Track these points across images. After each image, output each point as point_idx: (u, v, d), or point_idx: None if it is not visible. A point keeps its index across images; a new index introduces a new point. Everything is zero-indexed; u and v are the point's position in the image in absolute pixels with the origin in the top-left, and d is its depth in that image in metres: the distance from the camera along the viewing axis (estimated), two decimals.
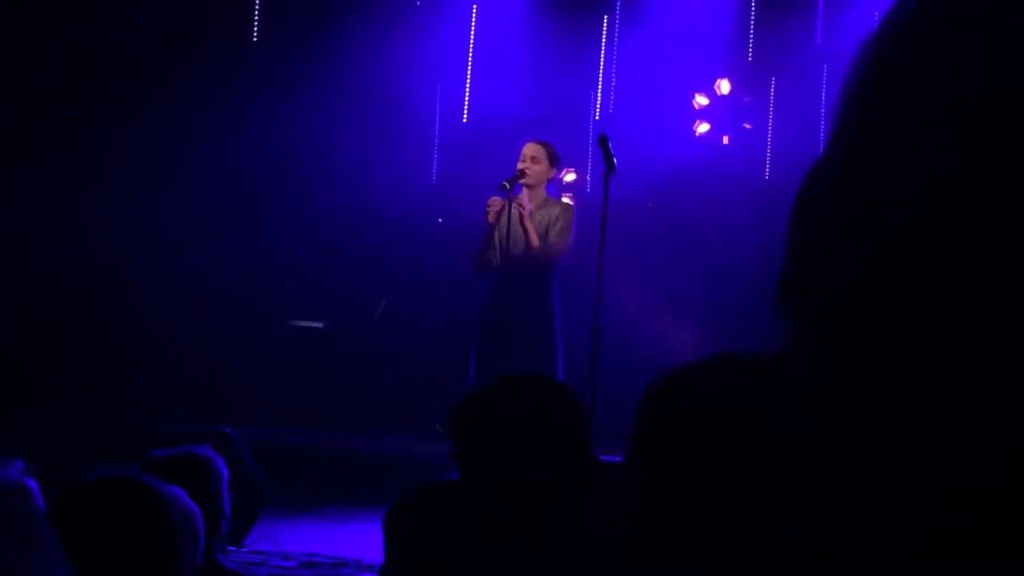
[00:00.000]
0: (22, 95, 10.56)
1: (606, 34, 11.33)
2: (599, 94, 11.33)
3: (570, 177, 9.50)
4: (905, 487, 0.74)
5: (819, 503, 0.77)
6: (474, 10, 11.15)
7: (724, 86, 11.28)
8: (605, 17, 11.33)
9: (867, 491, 0.75)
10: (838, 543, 0.77)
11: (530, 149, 8.49)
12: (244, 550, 6.91)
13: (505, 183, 8.34)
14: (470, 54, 11.17)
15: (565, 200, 8.92)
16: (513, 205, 8.37)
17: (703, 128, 11.28)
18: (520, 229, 8.38)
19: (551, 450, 2.63)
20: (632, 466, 1.58)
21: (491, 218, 8.38)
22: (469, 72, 11.20)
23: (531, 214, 8.43)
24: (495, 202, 8.46)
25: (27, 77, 10.56)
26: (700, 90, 11.22)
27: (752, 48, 11.28)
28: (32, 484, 3.48)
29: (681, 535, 1.48)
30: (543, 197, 8.54)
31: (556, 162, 8.54)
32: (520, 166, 8.42)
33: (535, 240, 8.38)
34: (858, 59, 0.81)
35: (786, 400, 0.80)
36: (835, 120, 0.81)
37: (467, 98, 11.22)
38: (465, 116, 11.23)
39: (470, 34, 11.16)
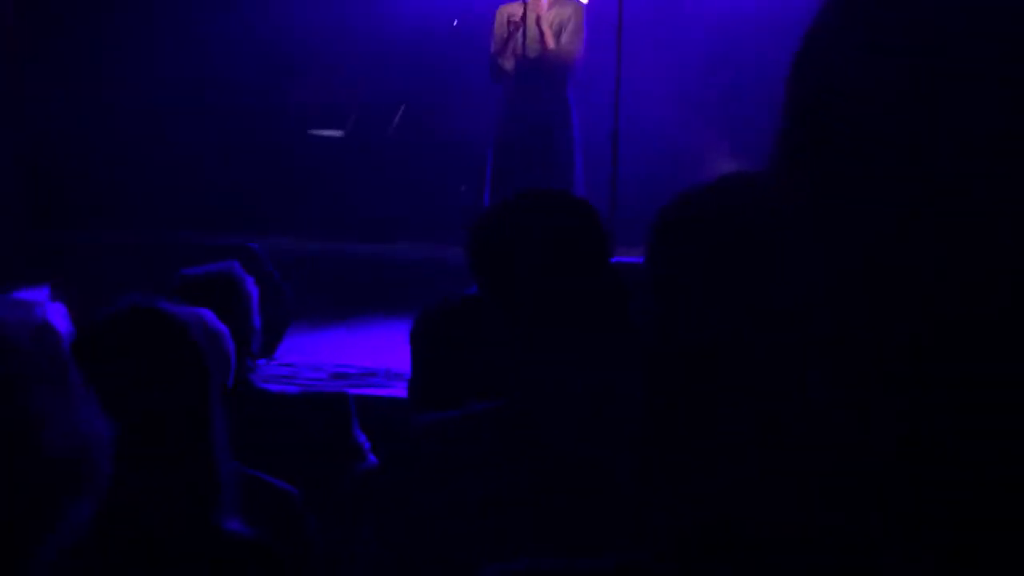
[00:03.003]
0: None
1: None
2: None
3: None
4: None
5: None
6: None
7: None
8: None
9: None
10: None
11: None
12: (273, 363, 7.01)
13: None
14: None
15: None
16: (531, 11, 8.28)
17: None
18: (535, 31, 8.30)
19: (569, 267, 2.64)
20: (649, 284, 1.60)
21: (512, 24, 8.29)
22: None
23: (545, 14, 8.34)
24: (511, 7, 8.37)
25: None
26: None
27: None
28: (58, 314, 3.52)
29: (692, 345, 1.52)
30: None
31: None
32: None
33: (551, 42, 8.30)
34: None
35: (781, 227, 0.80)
36: None
37: None
38: None
39: None
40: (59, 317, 3.23)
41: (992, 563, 0.71)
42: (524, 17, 8.26)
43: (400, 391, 6.40)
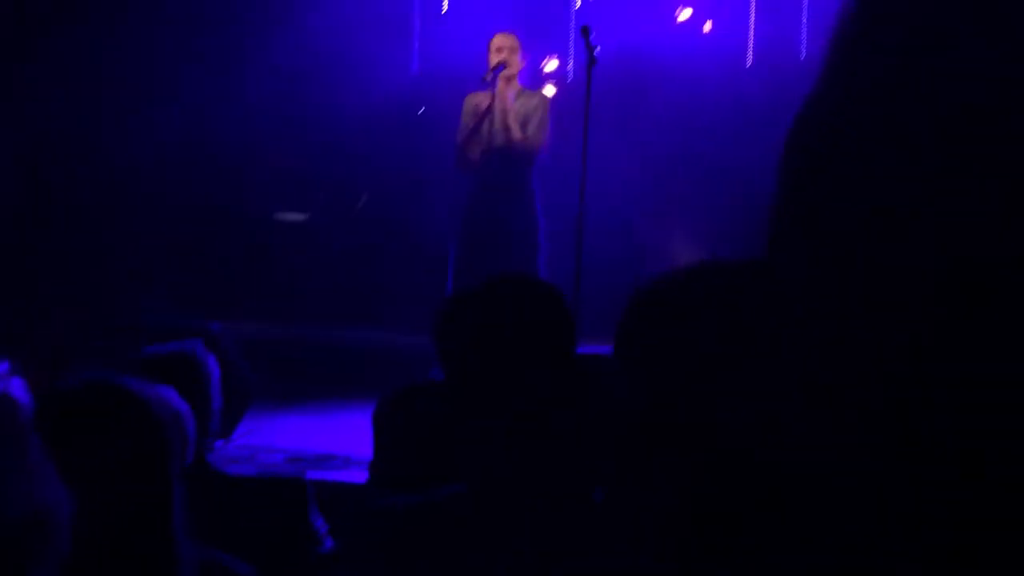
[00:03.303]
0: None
1: None
2: None
3: (552, 65, 9.39)
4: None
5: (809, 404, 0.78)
6: None
7: None
8: None
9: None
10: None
11: (504, 40, 8.45)
12: (231, 445, 6.95)
13: (486, 75, 8.32)
14: None
15: (543, 91, 8.90)
16: (496, 99, 8.35)
17: (685, 14, 11.20)
18: (501, 123, 8.36)
19: (535, 352, 2.64)
20: (622, 364, 1.60)
21: (479, 113, 8.37)
22: None
23: (511, 106, 8.42)
24: (475, 97, 8.45)
25: None
26: None
27: None
28: (17, 387, 3.49)
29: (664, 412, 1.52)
30: (518, 88, 8.53)
31: (522, 52, 8.56)
32: (496, 59, 8.38)
33: (518, 134, 8.36)
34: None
35: (776, 308, 0.80)
36: (829, 53, 0.80)
37: None
38: (445, 7, 11.13)
39: None
40: (19, 390, 3.20)
41: (991, 563, 0.71)
42: (490, 107, 8.34)
43: (358, 476, 6.37)
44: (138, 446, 2.40)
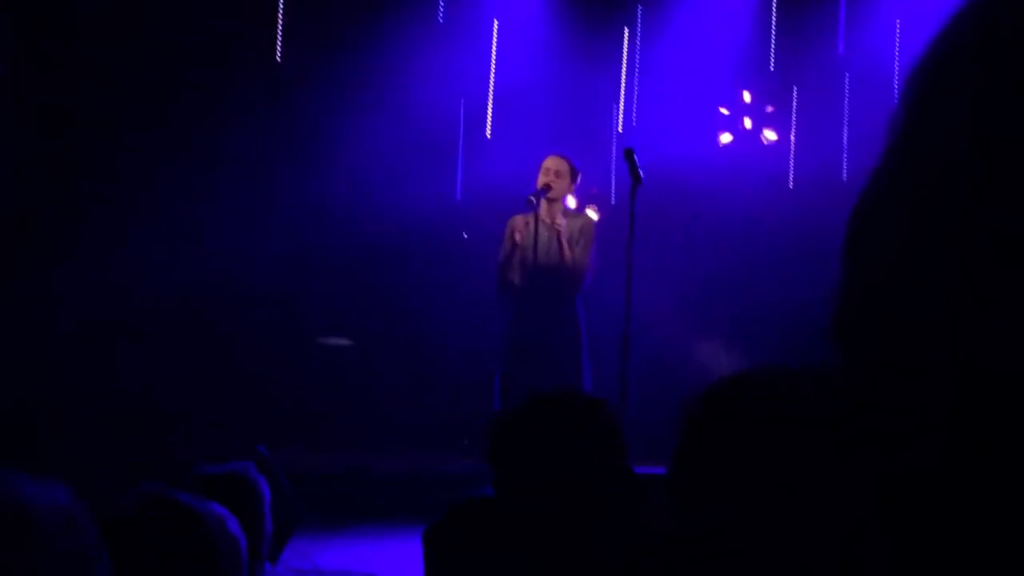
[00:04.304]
0: (40, 111, 10.57)
1: (627, 46, 11.34)
2: (621, 106, 11.34)
3: (592, 215, 9.25)
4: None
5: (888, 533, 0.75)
6: (495, 25, 11.17)
7: (746, 96, 11.29)
8: (626, 29, 11.34)
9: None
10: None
11: (553, 163, 8.51)
12: (279, 568, 6.92)
13: (531, 197, 8.37)
14: (492, 69, 11.19)
15: (588, 213, 8.95)
16: (543, 223, 8.40)
17: (726, 139, 11.29)
18: (552, 245, 8.41)
19: (589, 469, 2.64)
20: (675, 479, 1.59)
21: (518, 237, 8.41)
22: (491, 87, 11.22)
23: (563, 226, 8.48)
24: (518, 220, 8.51)
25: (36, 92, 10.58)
26: (722, 102, 11.22)
27: (774, 57, 11.26)
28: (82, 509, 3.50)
29: (728, 555, 1.49)
30: (563, 211, 8.58)
31: (576, 175, 8.58)
32: (543, 180, 8.44)
33: (569, 255, 8.40)
34: (919, 70, 0.80)
35: (843, 420, 0.78)
36: (893, 130, 0.79)
37: (490, 113, 11.23)
38: (488, 132, 11.24)
39: (492, 49, 11.18)
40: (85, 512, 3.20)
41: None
42: (537, 227, 8.38)
43: None
44: (194, 563, 2.40)
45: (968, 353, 0.70)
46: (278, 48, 11.06)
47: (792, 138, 11.27)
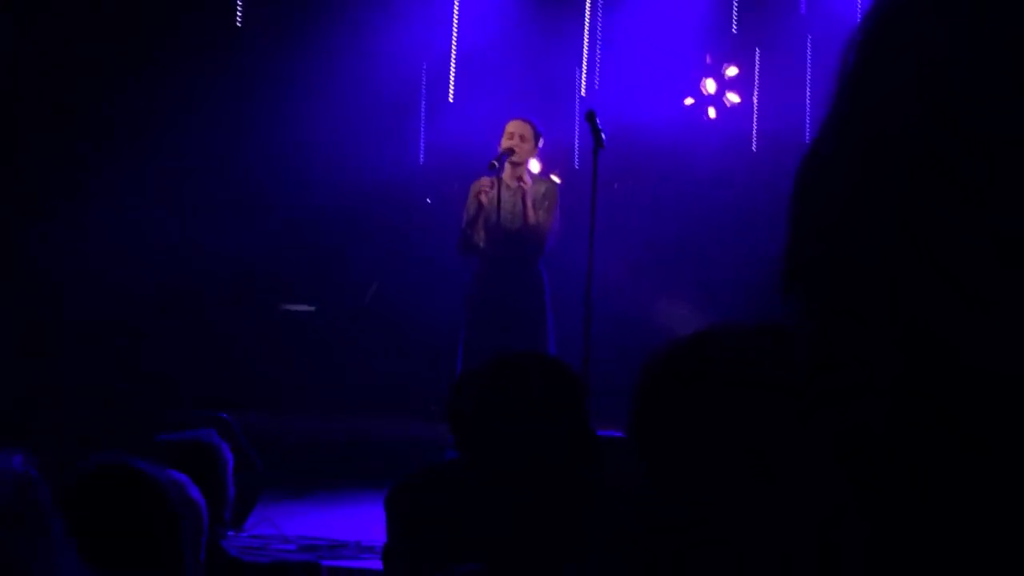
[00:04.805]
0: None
1: (590, 8, 11.31)
2: (584, 69, 11.31)
3: (556, 180, 9.22)
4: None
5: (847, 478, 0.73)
6: None
7: (707, 59, 11.29)
8: None
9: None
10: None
11: (515, 126, 8.49)
12: (244, 534, 6.91)
13: (494, 162, 8.34)
14: (454, 31, 11.15)
15: (552, 178, 8.94)
16: (506, 187, 8.38)
17: (689, 102, 11.29)
18: (516, 208, 8.40)
19: (551, 428, 2.64)
20: (635, 439, 1.58)
21: (484, 199, 8.38)
22: (454, 50, 11.18)
23: (529, 189, 8.47)
24: (484, 182, 8.47)
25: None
26: (685, 64, 11.22)
27: (736, 19, 11.25)
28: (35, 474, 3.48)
29: (690, 508, 1.49)
30: (527, 173, 8.57)
31: (539, 139, 8.56)
32: (506, 144, 8.42)
33: (533, 216, 8.39)
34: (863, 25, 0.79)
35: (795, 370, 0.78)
36: (843, 74, 0.78)
37: (452, 78, 11.20)
38: (451, 96, 11.21)
39: (454, 11, 11.13)
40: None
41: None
42: (500, 191, 8.36)
43: (371, 563, 6.32)
44: (153, 533, 2.39)
45: (909, 312, 0.69)
46: (238, 12, 10.99)
47: (755, 100, 11.27)
